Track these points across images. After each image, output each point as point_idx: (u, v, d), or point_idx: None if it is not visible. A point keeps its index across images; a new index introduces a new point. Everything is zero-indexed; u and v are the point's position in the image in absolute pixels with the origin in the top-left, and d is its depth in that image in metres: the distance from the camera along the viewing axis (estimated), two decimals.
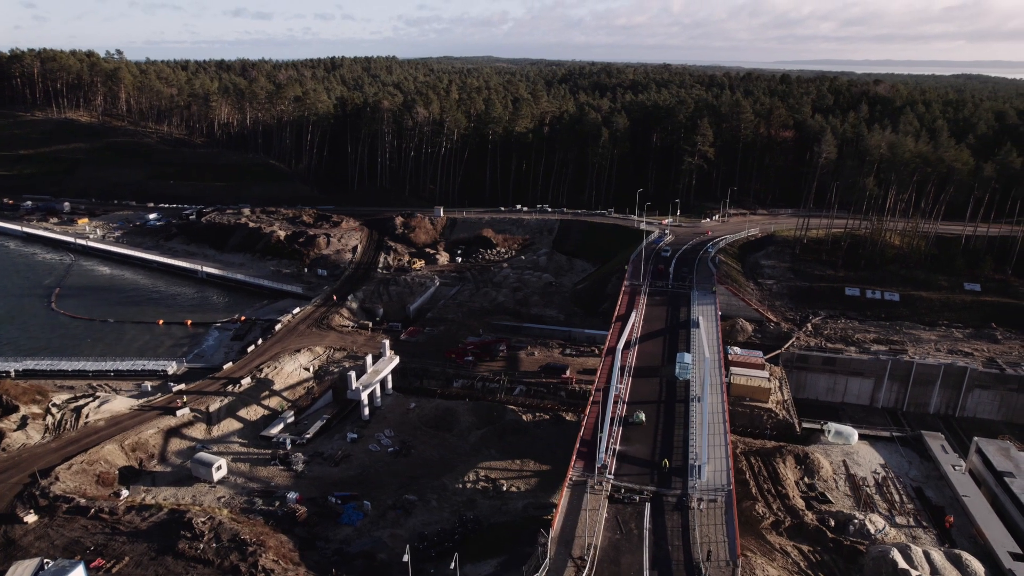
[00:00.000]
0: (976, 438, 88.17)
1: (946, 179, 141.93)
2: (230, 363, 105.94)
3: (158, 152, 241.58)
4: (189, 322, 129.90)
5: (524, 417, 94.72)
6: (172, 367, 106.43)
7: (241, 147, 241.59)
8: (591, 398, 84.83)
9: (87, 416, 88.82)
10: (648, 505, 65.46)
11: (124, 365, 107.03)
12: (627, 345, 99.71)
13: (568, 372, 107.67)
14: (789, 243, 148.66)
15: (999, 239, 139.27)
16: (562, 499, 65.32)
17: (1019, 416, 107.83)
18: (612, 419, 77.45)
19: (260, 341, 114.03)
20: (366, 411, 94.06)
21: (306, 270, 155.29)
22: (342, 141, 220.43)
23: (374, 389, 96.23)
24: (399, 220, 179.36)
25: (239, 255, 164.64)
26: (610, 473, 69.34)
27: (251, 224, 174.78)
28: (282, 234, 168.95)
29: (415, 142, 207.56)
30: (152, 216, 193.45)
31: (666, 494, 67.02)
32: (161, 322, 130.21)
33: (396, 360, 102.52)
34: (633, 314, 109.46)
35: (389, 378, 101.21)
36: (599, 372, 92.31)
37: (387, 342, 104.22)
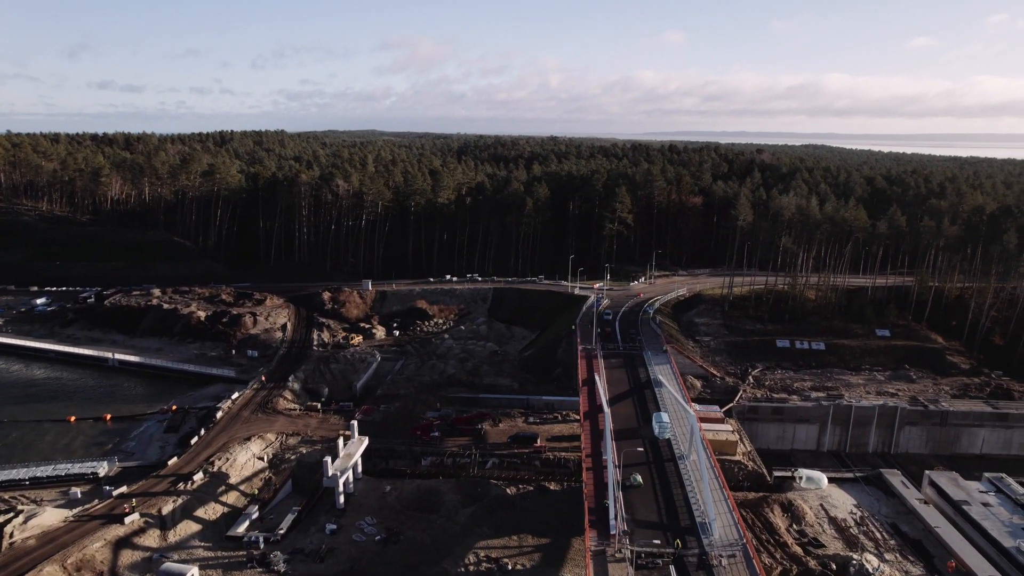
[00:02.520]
0: (927, 472, 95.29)
1: (847, 237, 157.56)
2: (174, 458, 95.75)
3: (38, 231, 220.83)
4: (108, 416, 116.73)
5: (508, 491, 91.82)
6: (103, 468, 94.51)
7: (137, 224, 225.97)
8: (584, 465, 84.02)
9: (12, 536, 76.60)
10: (673, 568, 64.89)
11: (43, 471, 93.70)
12: (601, 408, 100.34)
13: (539, 441, 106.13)
14: (717, 301, 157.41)
15: (896, 288, 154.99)
16: (589, 571, 63.37)
17: (944, 448, 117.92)
18: (615, 484, 76.92)
19: (202, 432, 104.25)
20: (341, 499, 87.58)
21: (234, 352, 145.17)
22: (253, 216, 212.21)
23: (348, 475, 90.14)
24: (327, 295, 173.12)
25: (154, 339, 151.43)
26: (625, 539, 68.35)
27: (165, 305, 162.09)
28: (202, 315, 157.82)
29: (335, 215, 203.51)
30: (40, 301, 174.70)
31: (685, 555, 66.72)
32: (73, 419, 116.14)
33: (366, 442, 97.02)
34: (597, 378, 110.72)
35: (359, 462, 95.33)
36: (583, 438, 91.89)
37: (356, 423, 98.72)
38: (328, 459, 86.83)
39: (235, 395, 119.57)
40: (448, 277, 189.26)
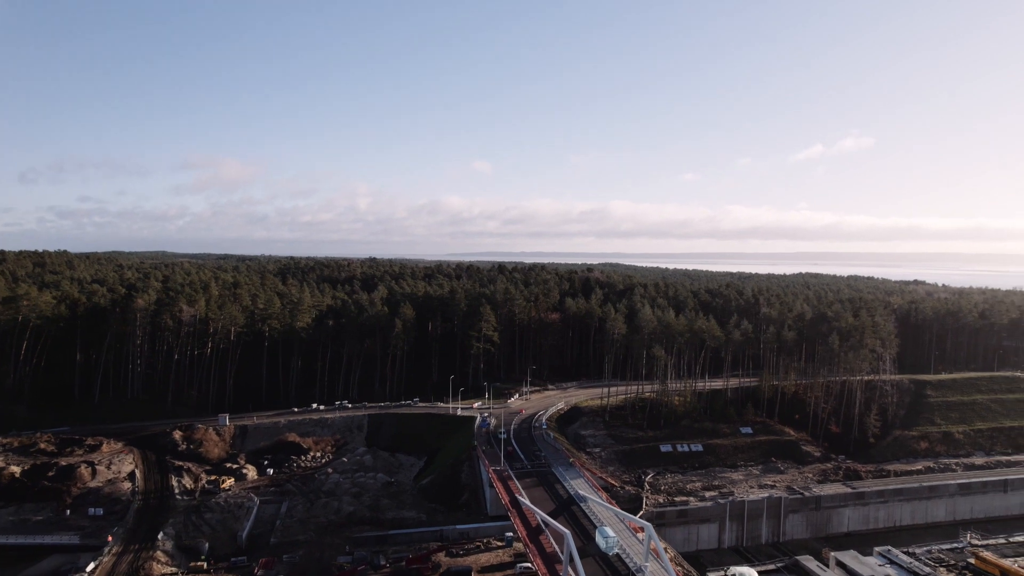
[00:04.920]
0: (833, 553, 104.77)
1: (701, 345, 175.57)
2: None
3: None
4: None
5: None
6: None
7: None
8: None
9: None
10: None
11: None
12: (540, 530, 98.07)
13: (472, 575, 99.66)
14: (597, 412, 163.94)
15: (747, 389, 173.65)
16: None
17: (820, 530, 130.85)
18: None
19: None
20: None
21: (69, 512, 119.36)
22: (66, 347, 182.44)
23: None
24: (178, 434, 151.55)
25: None
26: None
27: None
28: (16, 470, 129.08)
29: (177, 344, 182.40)
30: None
31: None
32: None
33: None
34: (521, 498, 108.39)
35: None
36: (537, 563, 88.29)
37: None
38: None
39: (90, 566, 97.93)
40: (315, 406, 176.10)
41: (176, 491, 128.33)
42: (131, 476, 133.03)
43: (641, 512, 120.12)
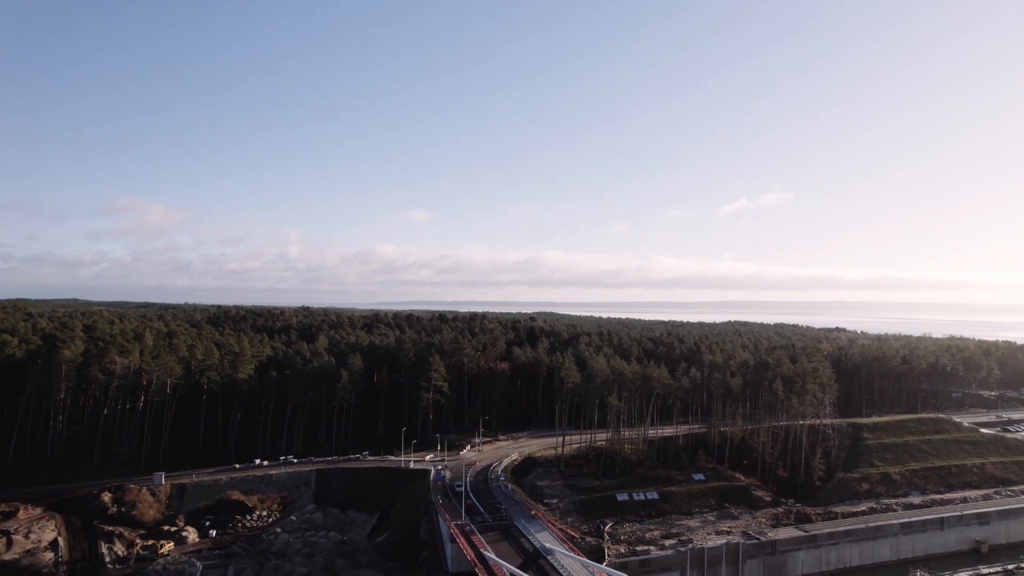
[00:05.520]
0: None
1: (650, 392, 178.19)
2: None
3: None
4: None
5: None
6: None
7: None
8: None
9: None
10: None
11: None
12: None
13: None
14: (552, 462, 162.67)
15: (696, 435, 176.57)
16: None
17: (778, 574, 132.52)
18: None
19: None
20: None
21: None
22: None
23: None
24: (107, 496, 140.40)
25: None
26: None
27: None
28: None
29: (107, 398, 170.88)
30: None
31: None
32: None
33: None
34: (486, 553, 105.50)
35: None
36: None
37: None
38: None
39: None
40: (258, 461, 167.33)
41: (107, 559, 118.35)
42: (53, 545, 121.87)
43: (605, 563, 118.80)
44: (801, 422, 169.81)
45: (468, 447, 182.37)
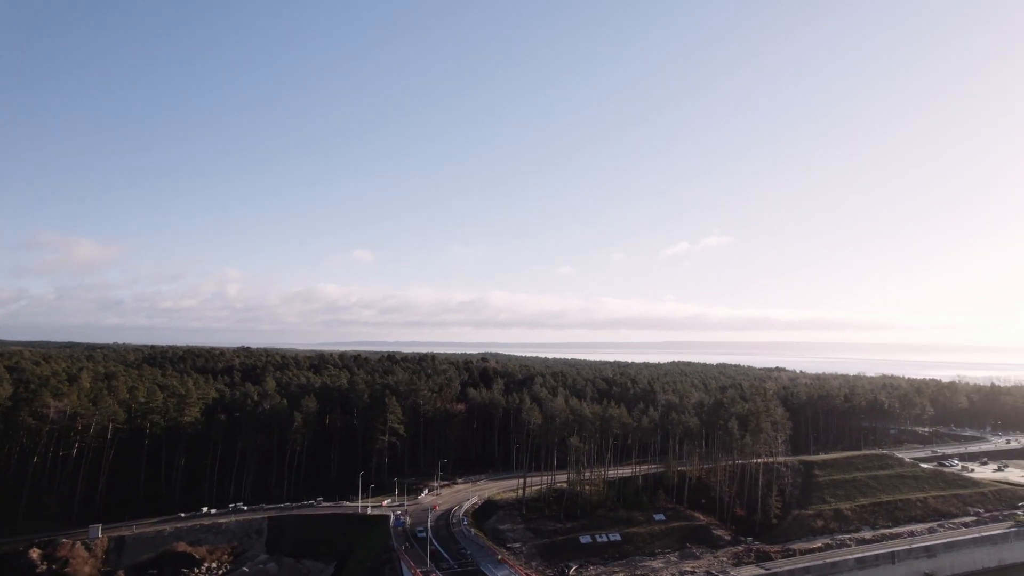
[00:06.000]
0: None
1: (609, 432, 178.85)
2: None
3: None
4: None
5: None
6: None
7: None
8: None
9: None
10: None
11: None
12: None
13: None
14: (513, 505, 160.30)
15: (655, 475, 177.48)
16: None
17: None
18: None
19: None
20: None
21: None
22: None
23: None
24: (35, 553, 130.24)
25: None
26: None
27: None
28: None
29: (37, 445, 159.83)
30: None
31: None
32: None
33: None
34: None
35: None
36: None
37: None
38: None
39: None
40: (205, 509, 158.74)
41: None
42: None
43: None
44: (756, 460, 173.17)
45: (426, 491, 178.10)
